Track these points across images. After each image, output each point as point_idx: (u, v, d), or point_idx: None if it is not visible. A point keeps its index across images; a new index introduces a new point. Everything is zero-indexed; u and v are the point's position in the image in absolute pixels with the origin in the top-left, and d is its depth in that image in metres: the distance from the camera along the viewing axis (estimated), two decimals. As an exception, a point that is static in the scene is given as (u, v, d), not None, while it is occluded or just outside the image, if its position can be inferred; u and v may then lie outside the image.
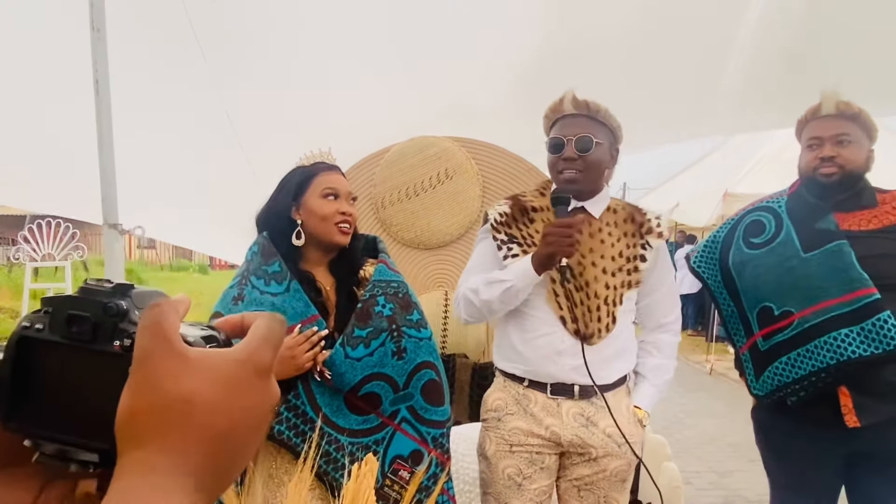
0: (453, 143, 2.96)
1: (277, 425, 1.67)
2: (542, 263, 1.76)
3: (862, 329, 1.89)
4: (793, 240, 2.02)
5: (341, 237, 1.77)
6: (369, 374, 1.69)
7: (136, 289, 0.44)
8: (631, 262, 1.88)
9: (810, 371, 1.95)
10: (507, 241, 1.89)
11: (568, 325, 1.83)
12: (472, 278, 1.90)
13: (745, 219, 2.18)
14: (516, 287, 1.79)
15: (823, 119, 2.04)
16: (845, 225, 1.99)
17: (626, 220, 1.92)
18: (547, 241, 1.73)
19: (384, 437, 1.73)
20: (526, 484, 1.87)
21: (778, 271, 2.02)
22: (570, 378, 1.84)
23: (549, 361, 1.85)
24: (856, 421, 1.92)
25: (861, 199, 2.03)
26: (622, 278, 1.87)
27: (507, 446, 1.88)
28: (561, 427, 1.85)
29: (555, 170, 1.87)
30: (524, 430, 1.86)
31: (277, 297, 1.71)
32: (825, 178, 2.01)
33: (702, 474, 4.68)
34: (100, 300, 0.42)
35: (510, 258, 1.87)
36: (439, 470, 1.77)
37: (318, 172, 1.80)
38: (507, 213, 1.92)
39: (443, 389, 1.83)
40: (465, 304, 1.90)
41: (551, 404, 1.86)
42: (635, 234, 1.90)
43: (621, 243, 1.89)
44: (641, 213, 1.93)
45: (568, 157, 1.83)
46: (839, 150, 1.99)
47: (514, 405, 1.89)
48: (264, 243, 1.79)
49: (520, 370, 1.90)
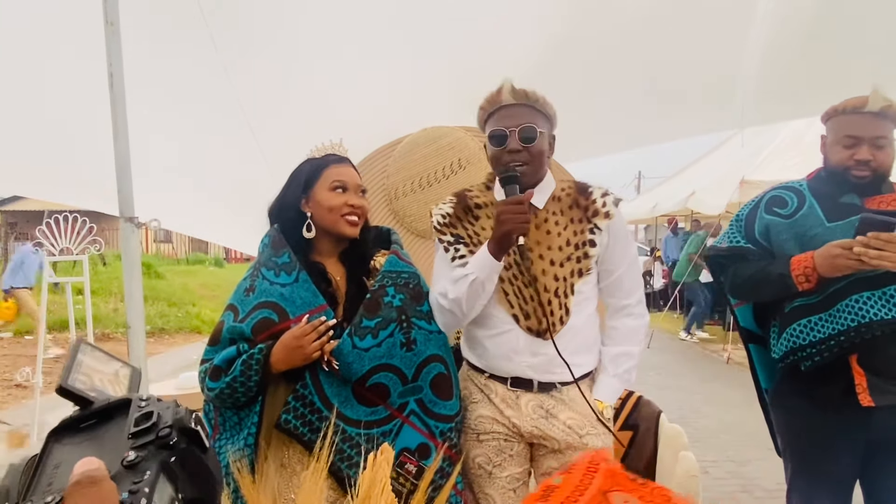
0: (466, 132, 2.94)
1: (286, 414, 1.68)
2: (500, 245, 1.72)
3: (884, 293, 1.90)
4: (817, 212, 2.02)
5: (349, 228, 1.78)
6: (377, 365, 1.70)
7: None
8: (580, 249, 1.83)
9: (829, 334, 1.95)
10: (453, 241, 1.85)
11: (521, 323, 1.81)
12: (437, 283, 1.86)
13: (765, 196, 2.17)
14: (479, 278, 1.74)
15: (864, 116, 1.99)
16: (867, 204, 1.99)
17: (570, 206, 1.86)
18: (501, 220, 1.69)
19: (392, 429, 1.73)
20: (496, 472, 1.85)
21: (802, 239, 2.01)
22: (527, 374, 1.83)
23: (506, 359, 1.83)
24: (870, 400, 1.93)
25: (880, 188, 2.03)
26: (571, 267, 1.82)
27: (474, 435, 1.87)
28: (520, 419, 1.83)
29: (499, 162, 1.81)
30: (489, 417, 1.85)
31: (286, 288, 1.72)
32: (857, 179, 1.99)
33: (719, 463, 4.66)
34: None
35: (458, 259, 1.82)
36: (448, 466, 1.76)
37: (328, 165, 1.80)
38: (450, 213, 1.88)
39: (452, 384, 1.83)
40: (438, 310, 1.83)
41: (510, 396, 1.84)
42: (582, 220, 1.84)
43: (568, 231, 1.84)
44: (587, 196, 1.86)
45: (512, 148, 1.78)
46: (875, 152, 1.97)
47: (477, 393, 1.89)
48: (275, 235, 1.80)
49: (481, 363, 1.89)
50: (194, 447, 0.53)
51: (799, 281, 1.96)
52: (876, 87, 1.97)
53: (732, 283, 2.18)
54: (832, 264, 1.89)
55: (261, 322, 1.71)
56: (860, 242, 1.83)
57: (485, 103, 1.86)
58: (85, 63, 2.44)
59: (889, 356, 1.93)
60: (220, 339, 1.76)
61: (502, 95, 1.81)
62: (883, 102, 1.96)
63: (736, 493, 4.15)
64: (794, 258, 1.98)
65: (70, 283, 5.67)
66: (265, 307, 1.72)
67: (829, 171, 2.08)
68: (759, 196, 2.21)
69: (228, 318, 1.77)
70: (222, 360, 1.71)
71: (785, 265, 1.99)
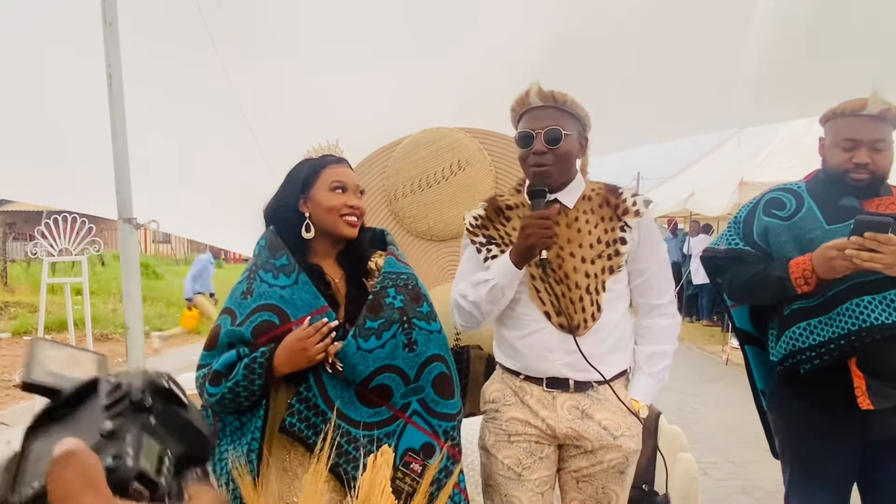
0: (466, 134, 2.94)
1: (289, 417, 1.67)
2: (522, 256, 1.76)
3: (884, 298, 1.90)
4: (816, 214, 2.02)
5: (348, 229, 1.78)
6: (381, 366, 1.69)
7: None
8: (610, 247, 1.86)
9: (829, 338, 1.95)
10: (485, 242, 1.89)
11: (553, 320, 1.82)
12: (460, 283, 1.92)
13: (763, 198, 2.17)
14: (500, 284, 1.79)
15: (863, 119, 1.99)
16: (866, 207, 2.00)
17: (601, 204, 1.89)
18: (525, 234, 1.73)
19: (395, 429, 1.73)
20: (526, 474, 1.86)
21: (801, 242, 2.01)
22: (563, 373, 1.84)
23: (540, 358, 1.85)
24: (869, 403, 1.93)
25: (879, 191, 2.03)
26: (602, 265, 1.85)
27: (505, 436, 1.88)
28: (556, 420, 1.84)
29: (525, 164, 1.86)
30: (521, 420, 1.86)
31: (286, 290, 1.71)
32: (855, 182, 1.99)
33: (718, 465, 4.66)
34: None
35: (490, 259, 1.87)
36: (451, 464, 1.76)
37: (326, 165, 1.80)
38: (482, 215, 1.93)
39: (453, 382, 1.83)
40: (457, 309, 1.92)
41: (546, 397, 1.86)
42: (612, 218, 1.87)
43: (598, 229, 1.86)
44: (617, 195, 1.90)
45: (538, 150, 1.81)
46: (874, 155, 1.97)
47: (511, 396, 1.89)
48: (271, 237, 1.79)
49: (516, 365, 1.90)
50: (173, 405, 0.51)
51: (798, 284, 1.95)
52: (875, 89, 1.97)
53: (731, 286, 2.17)
54: (829, 266, 1.89)
55: (261, 325, 1.70)
56: (853, 244, 1.83)
57: (515, 105, 1.89)
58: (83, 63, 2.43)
59: (888, 359, 1.93)
60: (217, 343, 1.74)
61: (530, 97, 1.84)
62: (882, 105, 1.96)
63: (735, 495, 4.15)
64: (792, 261, 1.98)
65: (69, 283, 5.67)
66: (265, 310, 1.71)
67: (827, 173, 2.08)
68: (756, 198, 2.21)
69: (225, 321, 1.75)
70: (222, 365, 1.69)
71: (784, 268, 1.99)
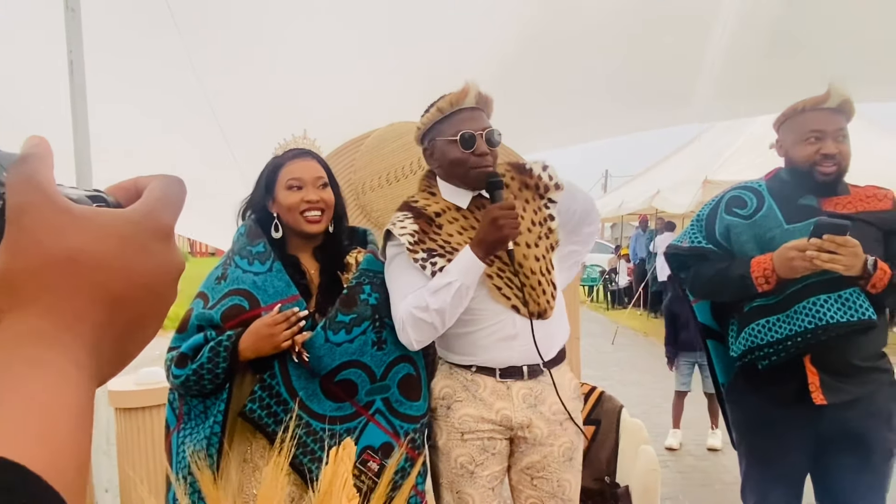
0: (434, 128, 2.95)
1: (251, 403, 1.68)
2: (491, 248, 1.73)
3: (840, 297, 1.95)
4: (776, 213, 2.06)
5: (310, 226, 1.77)
6: (347, 361, 1.69)
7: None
8: (544, 226, 1.89)
9: (786, 335, 2.00)
10: (427, 257, 1.79)
11: (521, 311, 1.82)
12: (408, 298, 1.76)
13: (725, 196, 2.21)
14: (465, 284, 1.73)
15: (825, 112, 2.02)
16: (823, 206, 2.04)
17: (520, 188, 1.91)
18: (497, 226, 1.69)
19: (357, 426, 1.73)
20: (478, 471, 1.85)
21: (761, 241, 2.06)
22: (521, 360, 1.84)
23: (502, 347, 1.83)
24: (822, 398, 1.99)
25: (837, 189, 2.07)
26: (544, 244, 1.88)
27: (458, 435, 1.85)
28: (512, 409, 1.84)
29: (465, 165, 1.81)
30: (474, 416, 1.84)
31: (259, 276, 1.71)
32: (824, 176, 2.02)
33: (679, 457, 4.75)
34: None
35: (439, 273, 1.78)
36: (409, 465, 1.76)
37: (284, 163, 1.79)
38: (416, 230, 1.81)
39: (420, 385, 1.83)
40: (413, 325, 1.74)
41: (501, 388, 1.85)
42: (535, 198, 1.91)
43: (528, 212, 1.89)
44: (529, 174, 1.92)
45: (482, 151, 1.80)
46: (839, 146, 2.00)
47: (461, 391, 1.86)
48: (251, 225, 1.80)
49: (466, 360, 1.87)
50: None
51: (759, 283, 2.00)
52: (832, 83, 2.01)
53: (693, 283, 2.22)
54: (789, 266, 1.93)
55: (231, 309, 1.70)
56: (814, 245, 1.88)
57: (444, 104, 1.83)
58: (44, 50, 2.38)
59: (842, 356, 1.99)
60: (188, 326, 1.75)
61: (468, 98, 1.82)
62: (841, 97, 2.01)
63: (694, 487, 4.24)
64: (753, 260, 2.02)
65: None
66: (236, 294, 1.71)
67: (791, 170, 2.10)
68: (718, 196, 2.24)
69: (198, 305, 1.75)
70: (189, 347, 1.69)
71: (745, 266, 2.03)
